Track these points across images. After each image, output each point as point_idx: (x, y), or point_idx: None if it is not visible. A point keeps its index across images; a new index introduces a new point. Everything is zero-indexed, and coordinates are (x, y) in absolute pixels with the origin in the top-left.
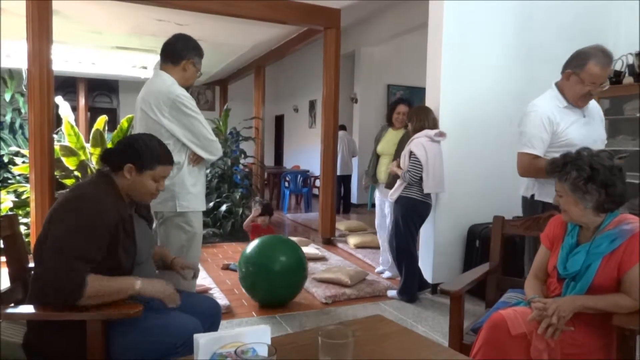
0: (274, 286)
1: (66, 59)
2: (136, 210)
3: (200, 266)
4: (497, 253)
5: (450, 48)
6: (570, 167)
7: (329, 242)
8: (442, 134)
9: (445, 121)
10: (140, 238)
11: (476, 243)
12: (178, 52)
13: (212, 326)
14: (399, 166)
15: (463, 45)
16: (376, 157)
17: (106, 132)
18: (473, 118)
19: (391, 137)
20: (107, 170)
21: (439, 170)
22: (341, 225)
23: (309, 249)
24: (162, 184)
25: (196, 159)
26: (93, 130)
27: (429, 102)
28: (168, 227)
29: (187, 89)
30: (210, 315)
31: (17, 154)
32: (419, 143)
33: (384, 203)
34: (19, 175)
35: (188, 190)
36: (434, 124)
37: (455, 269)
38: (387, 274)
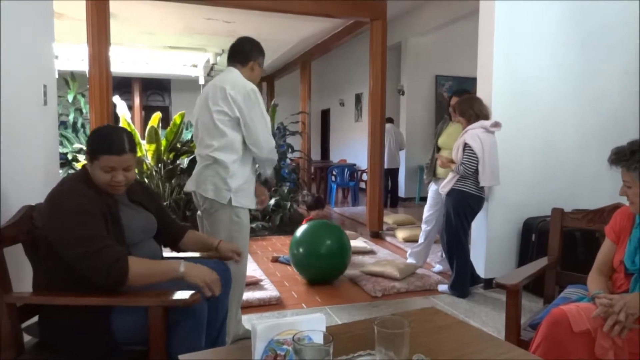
0: (320, 267)
1: (122, 60)
2: (129, 196)
3: (250, 258)
4: (556, 247)
5: (503, 35)
6: None
7: (377, 235)
8: (497, 124)
9: (498, 110)
10: (130, 221)
11: (532, 237)
12: (246, 53)
13: (222, 293)
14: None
15: (516, 31)
16: (437, 150)
17: (160, 128)
18: (527, 106)
19: (453, 129)
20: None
21: (494, 162)
22: (389, 219)
23: (357, 243)
24: (118, 175)
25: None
26: (148, 127)
27: (480, 92)
28: (217, 218)
29: None
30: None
31: (79, 151)
32: (474, 134)
33: (439, 197)
34: None
35: (241, 187)
36: (487, 114)
37: (509, 264)
38: (437, 267)
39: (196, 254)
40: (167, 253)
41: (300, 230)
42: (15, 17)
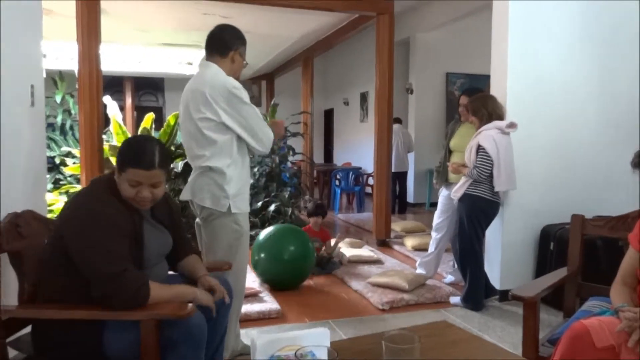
0: (283, 272)
1: (113, 58)
2: (153, 213)
3: (249, 268)
4: (576, 256)
5: (518, 30)
6: None
7: (384, 244)
8: (513, 125)
9: (513, 110)
10: (151, 242)
11: (550, 245)
12: (225, 42)
13: (222, 308)
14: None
15: (531, 29)
16: (448, 153)
17: (153, 130)
18: (544, 107)
19: (465, 130)
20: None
21: (510, 165)
22: (397, 226)
23: (363, 251)
24: (144, 191)
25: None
26: (141, 128)
27: (494, 90)
28: (216, 227)
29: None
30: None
31: (68, 154)
32: (489, 136)
33: (451, 203)
34: (70, 176)
35: (239, 191)
36: (502, 114)
37: (526, 275)
38: (449, 278)
39: None
40: None
41: (263, 234)
42: (1, 14)
